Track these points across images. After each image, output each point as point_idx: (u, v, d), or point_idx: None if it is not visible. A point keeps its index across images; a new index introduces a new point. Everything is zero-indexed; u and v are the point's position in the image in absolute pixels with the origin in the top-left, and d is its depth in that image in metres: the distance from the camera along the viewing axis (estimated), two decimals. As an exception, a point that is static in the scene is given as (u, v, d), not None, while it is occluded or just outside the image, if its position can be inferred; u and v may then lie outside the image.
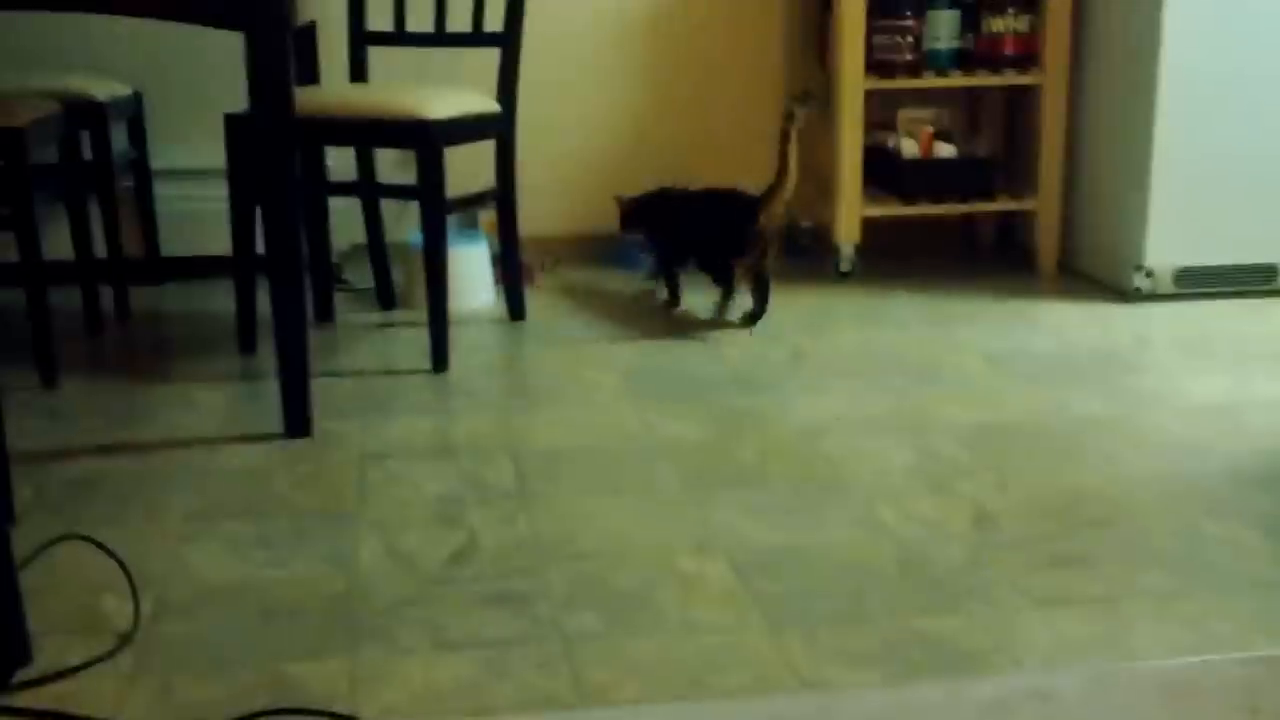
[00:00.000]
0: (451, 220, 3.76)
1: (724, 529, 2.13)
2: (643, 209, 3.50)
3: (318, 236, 3.30)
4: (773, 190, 3.24)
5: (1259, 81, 3.44)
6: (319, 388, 2.78)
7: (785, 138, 3.22)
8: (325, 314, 3.36)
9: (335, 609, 1.88)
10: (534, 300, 3.49)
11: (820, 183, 3.92)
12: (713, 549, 2.06)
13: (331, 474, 2.38)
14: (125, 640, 1.80)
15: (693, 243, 3.41)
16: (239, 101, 3.06)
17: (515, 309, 3.37)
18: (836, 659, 1.72)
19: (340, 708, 1.62)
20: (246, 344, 3.09)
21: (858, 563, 2.00)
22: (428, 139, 2.91)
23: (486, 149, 3.26)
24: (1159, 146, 3.44)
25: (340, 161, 3.55)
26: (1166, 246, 3.51)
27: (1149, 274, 3.51)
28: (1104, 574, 1.95)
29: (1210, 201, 3.49)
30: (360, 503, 2.25)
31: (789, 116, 3.21)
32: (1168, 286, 3.52)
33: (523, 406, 2.74)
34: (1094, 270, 3.75)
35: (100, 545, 2.05)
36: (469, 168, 3.54)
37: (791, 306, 3.49)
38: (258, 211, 2.62)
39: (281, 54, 2.47)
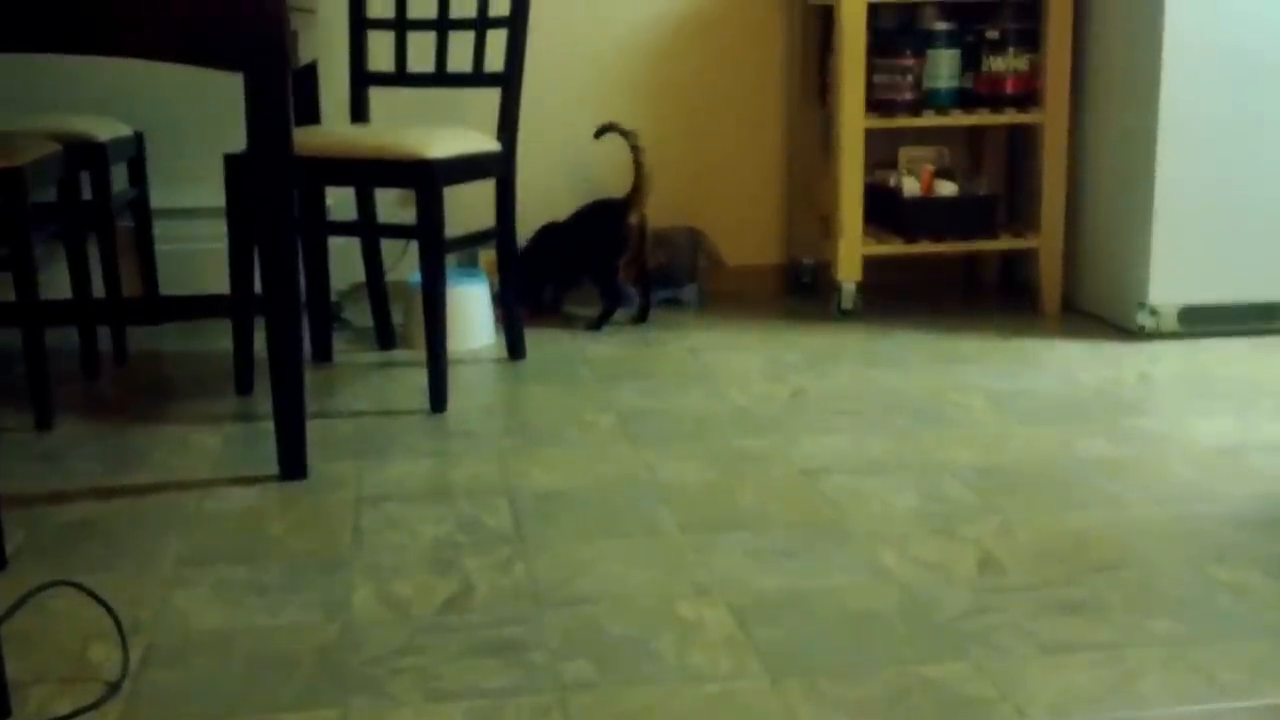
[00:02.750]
0: (451, 259, 3.74)
1: (724, 574, 2.09)
2: (531, 256, 3.73)
3: (317, 276, 3.27)
4: (636, 190, 3.62)
5: (1261, 118, 3.41)
6: (316, 428, 2.75)
7: (637, 150, 3.62)
8: (324, 354, 3.33)
9: (327, 658, 1.83)
10: (534, 340, 3.46)
11: (822, 221, 3.89)
12: (712, 594, 2.01)
13: (326, 517, 2.34)
14: (113, 689, 1.75)
15: (578, 258, 3.69)
16: (239, 142, 3.05)
17: (515, 348, 3.34)
18: (839, 708, 1.68)
19: (329, 760, 1.58)
20: (243, 384, 3.06)
21: (860, 608, 1.96)
22: (427, 178, 2.89)
23: (487, 188, 3.24)
24: (1161, 184, 3.42)
25: (341, 201, 3.54)
26: (1171, 285, 3.47)
27: (1154, 312, 3.48)
28: (1111, 620, 1.90)
29: (1215, 239, 3.46)
30: (355, 547, 2.21)
31: (629, 138, 3.63)
32: (1173, 325, 3.49)
33: (521, 448, 2.70)
34: (1098, 309, 3.71)
35: (89, 592, 2.01)
36: (470, 207, 3.53)
37: (793, 345, 3.46)
38: (256, 251, 2.59)
39: (281, 94, 2.44)
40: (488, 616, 1.95)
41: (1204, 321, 3.49)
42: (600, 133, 3.64)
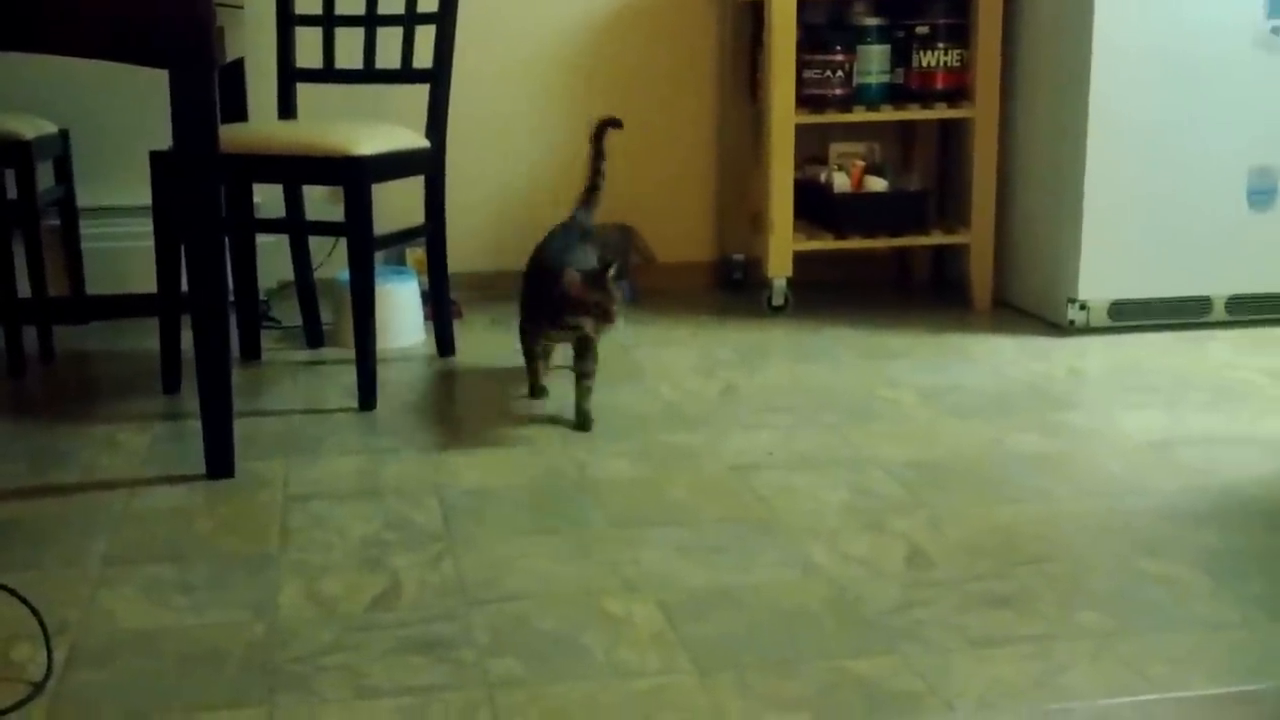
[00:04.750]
0: (381, 258, 3.72)
1: (653, 570, 2.08)
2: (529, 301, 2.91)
3: (245, 274, 3.23)
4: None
5: (1190, 115, 3.46)
6: (244, 427, 2.72)
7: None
8: (252, 352, 3.29)
9: (254, 656, 1.81)
10: (463, 336, 3.44)
11: (753, 217, 3.90)
12: (641, 590, 2.01)
13: (254, 516, 2.31)
14: (37, 689, 1.72)
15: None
16: (166, 139, 3.00)
17: (444, 345, 3.32)
18: (767, 703, 1.68)
19: (255, 762, 1.56)
20: (170, 383, 3.02)
21: (789, 603, 1.96)
22: (355, 175, 2.86)
23: (416, 186, 3.22)
24: (1091, 179, 3.46)
25: (269, 199, 3.50)
26: (1100, 280, 3.52)
27: (1083, 307, 3.52)
28: (1039, 613, 1.92)
29: (1144, 235, 3.50)
30: (282, 545, 2.19)
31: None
32: (1102, 320, 3.53)
33: (450, 445, 2.69)
34: (1028, 304, 3.75)
35: (13, 592, 1.97)
36: (399, 205, 3.50)
37: (724, 341, 3.47)
38: (183, 249, 2.56)
39: (206, 91, 2.41)
40: (416, 614, 1.93)
41: (1133, 316, 3.54)
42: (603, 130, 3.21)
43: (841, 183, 3.82)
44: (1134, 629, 1.87)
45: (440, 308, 3.30)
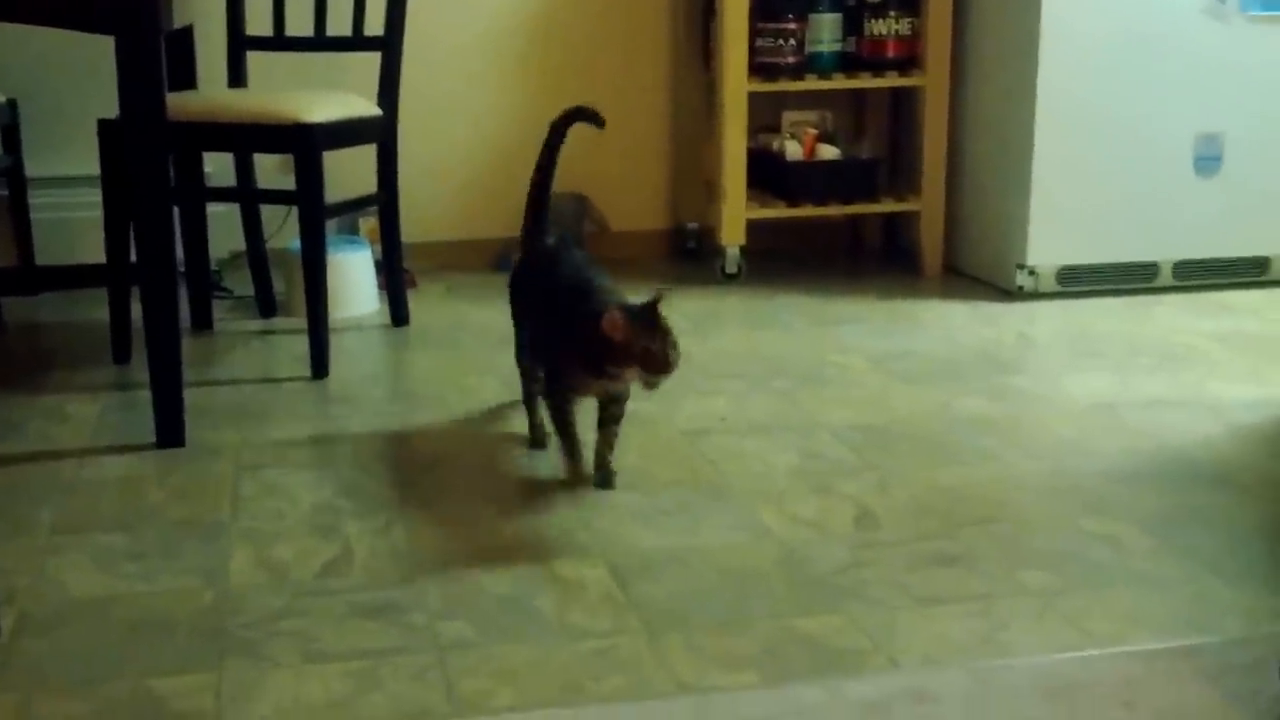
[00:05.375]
0: (334, 227, 3.69)
1: (604, 533, 2.09)
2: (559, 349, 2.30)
3: (195, 243, 3.20)
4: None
5: (1137, 82, 3.48)
6: (195, 397, 2.70)
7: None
8: (204, 322, 3.27)
9: (204, 622, 1.81)
10: (417, 306, 3.42)
11: (706, 186, 3.90)
12: (592, 554, 2.02)
13: (205, 484, 2.30)
14: (-16, 659, 1.72)
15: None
16: (116, 107, 2.97)
17: (398, 315, 3.30)
18: (715, 662, 1.69)
19: (205, 726, 1.56)
20: (121, 354, 2.99)
21: (739, 565, 1.97)
22: (306, 143, 2.84)
23: (369, 155, 3.20)
24: (1039, 146, 3.47)
25: (222, 168, 3.46)
26: (1049, 246, 3.54)
27: (1032, 273, 3.54)
28: (984, 572, 1.94)
29: (1092, 201, 3.53)
30: (233, 513, 2.18)
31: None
32: (1051, 285, 3.56)
33: (403, 413, 2.68)
34: (978, 270, 3.77)
35: (-43, 563, 1.96)
36: (351, 174, 3.47)
37: (678, 309, 3.44)
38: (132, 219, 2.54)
39: (152, 57, 2.39)
40: (367, 579, 1.93)
41: (1081, 281, 3.57)
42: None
43: (794, 151, 3.82)
44: (1077, 587, 1.89)
45: (393, 277, 3.28)
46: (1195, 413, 2.64)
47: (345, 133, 2.99)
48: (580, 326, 2.16)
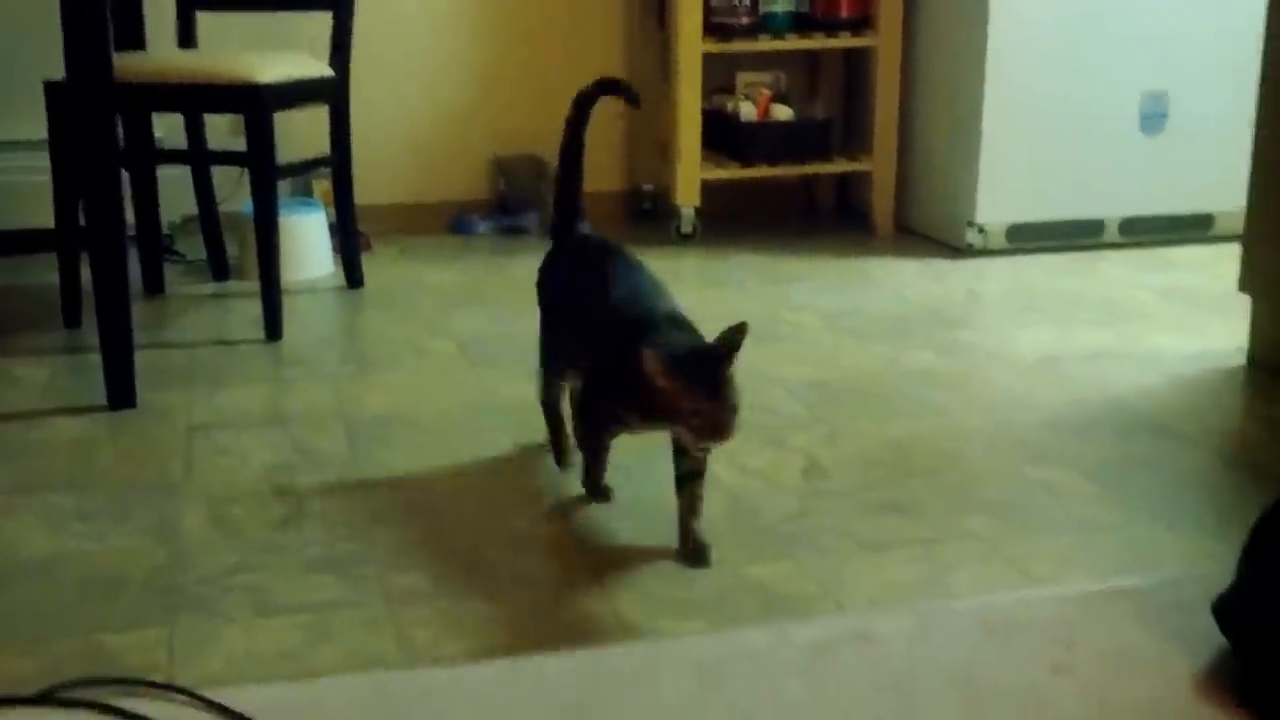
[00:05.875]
0: (288, 190, 3.67)
1: (555, 483, 2.10)
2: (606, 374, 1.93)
3: (146, 206, 3.18)
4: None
5: (1086, 43, 3.51)
6: (147, 360, 2.68)
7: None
8: (156, 286, 3.25)
9: (156, 579, 1.81)
10: (372, 268, 3.41)
11: (661, 147, 3.90)
12: (543, 504, 2.03)
13: (157, 445, 2.30)
14: (-67, 619, 1.71)
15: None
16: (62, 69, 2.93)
17: (353, 278, 3.29)
18: (665, 608, 1.71)
19: (158, 677, 1.56)
20: (71, 318, 2.97)
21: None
22: (256, 103, 2.82)
23: (323, 116, 3.18)
24: (989, 107, 3.49)
25: (175, 132, 3.43)
26: (998, 204, 3.57)
27: (981, 230, 3.57)
28: (929, 520, 1.97)
29: (1039, 159, 3.55)
30: (186, 474, 2.17)
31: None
32: (1000, 243, 3.58)
33: (358, 374, 2.68)
34: (929, 228, 3.79)
35: (-93, 524, 1.95)
36: (304, 135, 3.45)
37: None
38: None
39: (96, 17, 2.36)
40: (320, 535, 1.94)
41: (1029, 238, 3.59)
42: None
43: (748, 112, 3.82)
44: (1019, 532, 1.92)
45: (347, 239, 3.27)
46: (1137, 365, 2.67)
47: (296, 93, 2.97)
48: (630, 356, 1.74)
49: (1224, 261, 3.17)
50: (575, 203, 2.17)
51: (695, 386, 1.70)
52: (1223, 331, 2.84)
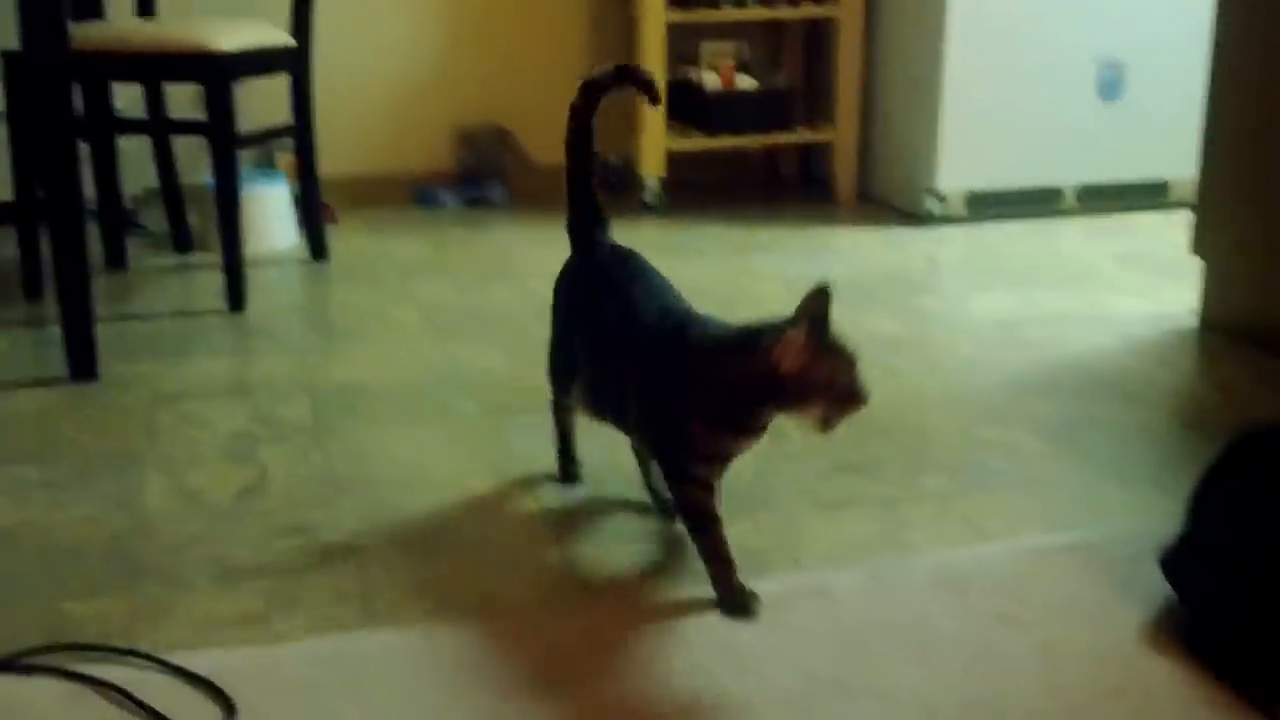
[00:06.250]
0: (251, 161, 3.66)
1: (520, 454, 2.11)
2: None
3: (106, 177, 3.15)
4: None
5: (1044, 12, 3.52)
6: (110, 331, 2.68)
7: None
8: (118, 259, 3.23)
9: (117, 548, 1.80)
10: (336, 240, 3.40)
11: (626, 118, 3.90)
12: (508, 472, 2.04)
13: (120, 416, 2.29)
14: (-106, 590, 1.70)
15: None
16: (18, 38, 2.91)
17: (317, 249, 3.29)
18: (626, 565, 1.72)
19: (120, 643, 1.56)
20: (32, 290, 2.95)
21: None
22: (215, 72, 2.80)
23: (286, 87, 3.16)
24: (949, 76, 3.51)
25: (136, 103, 3.41)
26: (958, 172, 3.58)
27: (941, 199, 3.59)
28: (886, 479, 1.98)
29: (999, 129, 3.57)
30: (149, 444, 2.17)
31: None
32: (959, 210, 3.60)
33: (322, 344, 2.68)
34: (890, 197, 3.81)
35: None
36: (267, 107, 3.44)
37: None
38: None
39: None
40: (283, 502, 1.94)
41: (988, 206, 3.62)
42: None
43: (712, 82, 3.83)
44: (974, 489, 1.94)
45: (310, 210, 3.26)
46: (1092, 328, 2.70)
47: (256, 62, 2.95)
48: (709, 368, 1.57)
49: (1179, 227, 3.20)
50: (592, 203, 1.88)
51: (828, 353, 1.52)
52: (1176, 295, 2.87)
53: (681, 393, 1.58)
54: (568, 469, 1.98)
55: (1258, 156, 2.52)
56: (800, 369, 1.51)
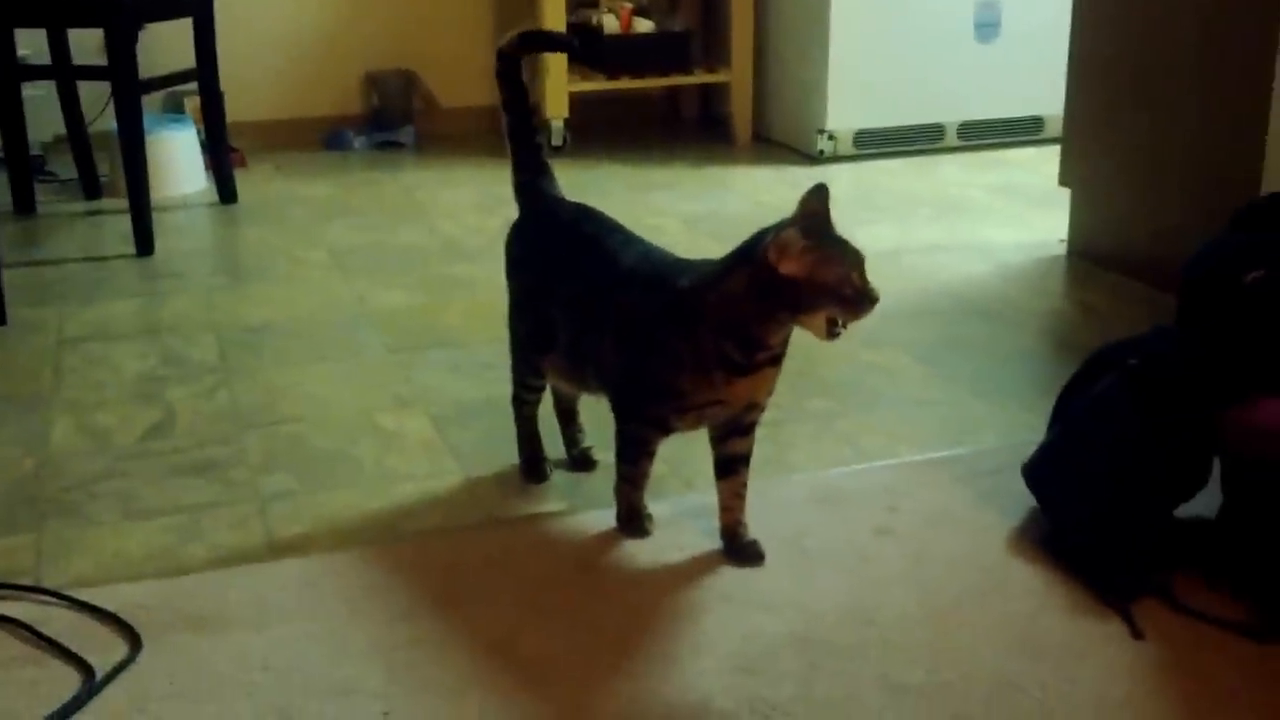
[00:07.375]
0: (159, 106, 3.56)
1: (426, 387, 2.09)
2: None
3: (12, 125, 3.05)
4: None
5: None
6: (17, 277, 2.60)
7: None
8: (27, 206, 3.13)
9: (22, 489, 1.76)
10: (246, 184, 3.33)
11: (529, 61, 3.84)
12: (413, 406, 2.01)
13: (26, 359, 2.23)
14: None
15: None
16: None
17: (225, 193, 3.21)
18: (523, 494, 1.72)
19: (26, 580, 1.53)
20: (-59, 238, 2.86)
21: (546, 411, 1.98)
22: (116, 16, 2.71)
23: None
24: (835, 18, 3.50)
25: (42, 51, 3.29)
26: (846, 112, 3.58)
27: (831, 137, 3.59)
28: (773, 404, 1.97)
29: (884, 69, 3.57)
30: (55, 386, 2.11)
31: None
32: (848, 148, 3.61)
33: (230, 286, 2.62)
34: (784, 137, 3.80)
35: None
36: (175, 51, 3.33)
37: (505, 181, 3.40)
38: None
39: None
40: (190, 440, 1.90)
41: (875, 144, 3.62)
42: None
43: (611, 25, 3.78)
44: (853, 410, 1.96)
45: (218, 154, 3.18)
46: (968, 256, 2.72)
47: (159, 6, 2.86)
48: (714, 294, 1.47)
49: (1051, 160, 3.20)
50: (536, 156, 1.79)
51: (831, 251, 1.41)
52: (1046, 224, 2.90)
53: (672, 334, 1.47)
54: (538, 466, 1.76)
55: (1118, 88, 2.55)
56: (803, 270, 1.40)
